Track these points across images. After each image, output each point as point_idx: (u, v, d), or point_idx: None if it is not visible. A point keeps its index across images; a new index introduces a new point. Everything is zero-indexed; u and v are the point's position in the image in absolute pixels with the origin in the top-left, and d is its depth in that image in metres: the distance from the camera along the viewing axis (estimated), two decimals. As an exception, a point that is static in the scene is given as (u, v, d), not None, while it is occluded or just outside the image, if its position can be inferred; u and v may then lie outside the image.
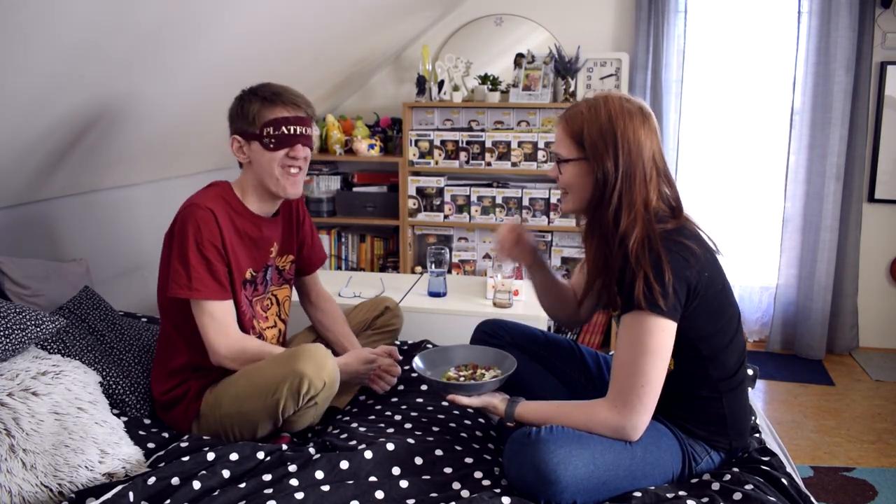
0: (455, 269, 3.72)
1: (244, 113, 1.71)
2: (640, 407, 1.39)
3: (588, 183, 1.49)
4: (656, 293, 1.37)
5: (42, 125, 1.85)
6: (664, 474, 1.47)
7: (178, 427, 1.75)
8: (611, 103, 1.48)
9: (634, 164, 1.45)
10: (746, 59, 3.59)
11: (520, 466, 1.39)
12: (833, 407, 3.05)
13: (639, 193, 1.45)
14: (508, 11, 3.71)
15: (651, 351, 1.39)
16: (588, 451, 1.38)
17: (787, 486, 1.41)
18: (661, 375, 1.40)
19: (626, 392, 1.40)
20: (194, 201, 1.69)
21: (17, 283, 1.93)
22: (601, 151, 1.45)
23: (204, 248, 1.65)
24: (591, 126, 1.46)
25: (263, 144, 1.70)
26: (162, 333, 1.81)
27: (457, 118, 3.64)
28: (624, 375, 1.40)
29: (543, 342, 1.85)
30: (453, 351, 1.76)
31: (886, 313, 3.70)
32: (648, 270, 1.38)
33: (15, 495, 1.31)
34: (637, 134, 1.46)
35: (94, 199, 2.42)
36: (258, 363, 1.67)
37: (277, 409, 1.61)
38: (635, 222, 1.43)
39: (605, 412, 1.41)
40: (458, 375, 1.64)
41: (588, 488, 1.37)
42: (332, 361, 1.62)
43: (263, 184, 1.76)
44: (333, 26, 2.68)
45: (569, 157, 1.50)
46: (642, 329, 1.39)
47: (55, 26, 1.51)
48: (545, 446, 1.37)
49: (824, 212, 3.49)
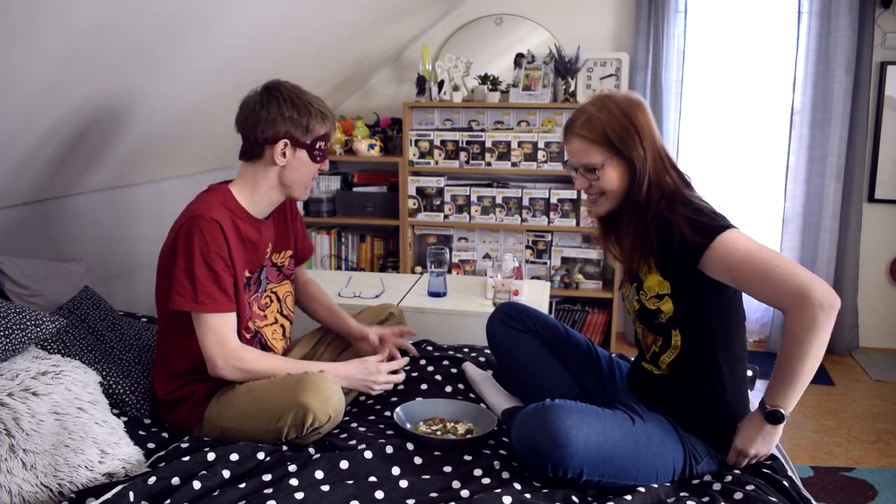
0: (455, 269, 3.72)
1: (303, 122, 1.73)
2: (805, 287, 1.36)
3: (624, 177, 1.56)
4: (703, 222, 1.46)
5: (42, 125, 1.85)
6: (665, 467, 1.48)
7: (179, 428, 1.74)
8: (615, 99, 1.57)
9: (653, 146, 1.55)
10: (746, 59, 3.59)
11: (532, 430, 1.43)
12: (833, 407, 3.05)
13: (661, 169, 1.56)
14: (508, 11, 3.71)
15: (751, 254, 1.42)
16: (599, 421, 1.44)
17: (789, 489, 1.42)
18: (782, 257, 1.44)
19: (782, 291, 1.38)
20: (199, 212, 1.66)
21: (17, 283, 1.93)
22: (629, 143, 1.54)
23: (211, 261, 1.64)
24: (611, 124, 1.54)
25: (312, 156, 1.76)
26: (161, 338, 1.80)
27: (457, 118, 3.64)
28: (766, 287, 1.40)
29: (564, 337, 1.87)
30: (435, 405, 1.79)
31: (886, 313, 3.70)
32: (682, 218, 1.48)
33: (15, 495, 1.31)
34: (646, 119, 1.56)
35: (94, 199, 2.42)
36: (262, 383, 1.67)
37: (280, 434, 1.61)
38: (662, 193, 1.54)
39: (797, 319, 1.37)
40: (431, 430, 1.68)
41: (596, 459, 1.41)
42: (337, 395, 1.61)
43: (290, 187, 1.78)
44: (333, 26, 2.68)
45: (602, 162, 1.56)
46: (726, 251, 1.43)
47: (55, 27, 1.51)
48: (559, 410, 1.43)
49: (824, 212, 3.49)
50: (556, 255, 3.66)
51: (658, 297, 1.55)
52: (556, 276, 3.64)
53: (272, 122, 1.71)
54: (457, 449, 1.60)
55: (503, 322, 1.87)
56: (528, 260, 3.68)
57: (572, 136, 1.59)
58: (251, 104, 1.73)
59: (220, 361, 1.65)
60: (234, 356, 1.67)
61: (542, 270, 3.68)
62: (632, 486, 1.45)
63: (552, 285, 3.43)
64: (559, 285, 3.62)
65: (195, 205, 1.71)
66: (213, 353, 1.65)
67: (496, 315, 1.90)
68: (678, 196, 1.54)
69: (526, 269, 3.65)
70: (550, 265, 3.67)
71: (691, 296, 1.52)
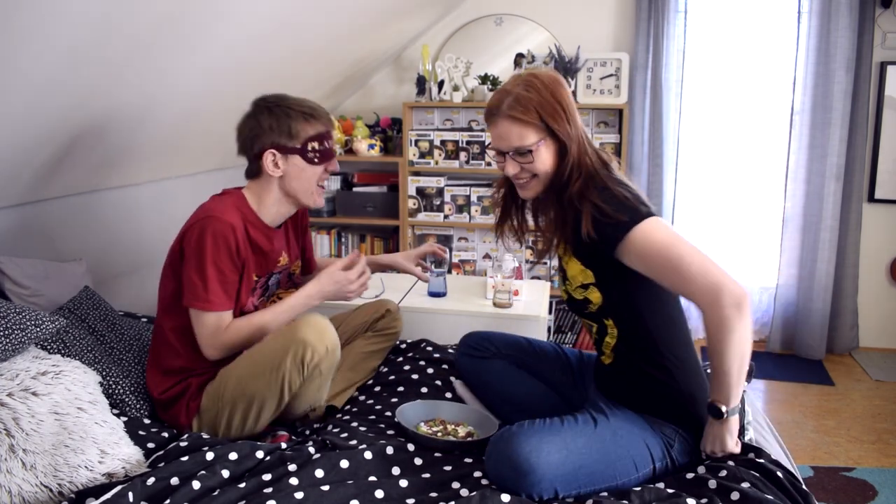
0: (455, 269, 3.72)
1: (284, 127, 1.71)
2: (714, 286, 1.35)
3: (553, 156, 1.53)
4: (621, 208, 1.42)
5: (42, 126, 1.85)
6: (641, 457, 1.47)
7: (178, 424, 1.75)
8: (541, 77, 1.53)
9: (577, 125, 1.53)
10: (746, 59, 3.59)
11: (496, 463, 1.42)
12: (833, 407, 3.05)
13: (583, 147, 1.52)
14: (508, 11, 3.71)
15: (668, 246, 1.39)
16: (559, 436, 1.42)
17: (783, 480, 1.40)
18: (698, 252, 1.39)
19: (693, 287, 1.37)
20: (214, 213, 1.68)
21: (17, 283, 1.93)
22: (559, 122, 1.50)
23: (221, 262, 1.67)
24: (541, 103, 1.50)
25: (308, 159, 1.74)
26: (157, 335, 1.81)
27: (457, 118, 3.64)
28: (679, 281, 1.39)
29: (529, 350, 1.87)
30: (436, 406, 1.80)
31: (886, 313, 3.70)
32: (598, 201, 1.44)
33: (15, 495, 1.31)
34: (569, 96, 1.53)
35: (93, 199, 2.42)
36: (258, 344, 1.71)
37: (283, 384, 1.64)
38: (581, 174, 1.51)
39: (709, 318, 1.37)
40: (432, 431, 1.68)
41: (565, 474, 1.39)
42: (331, 329, 1.67)
43: (295, 196, 1.79)
44: (333, 26, 2.68)
45: (537, 142, 1.51)
46: (642, 240, 1.40)
47: (54, 26, 1.51)
48: (516, 438, 1.41)
49: (824, 212, 3.48)
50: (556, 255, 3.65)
51: (583, 287, 1.53)
52: (556, 276, 3.64)
53: (256, 137, 1.73)
54: (457, 451, 1.60)
55: (468, 355, 1.89)
56: (528, 260, 3.68)
57: (500, 117, 1.52)
58: (240, 125, 1.77)
59: (212, 351, 1.72)
60: (223, 344, 1.72)
61: (541, 270, 3.68)
62: (615, 487, 1.44)
63: (552, 285, 3.43)
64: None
65: (210, 205, 1.74)
66: (209, 345, 1.71)
67: (460, 349, 1.92)
68: (595, 180, 1.50)
69: (526, 270, 3.65)
70: (550, 265, 3.67)
71: (617, 284, 1.50)
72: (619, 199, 1.44)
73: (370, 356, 2.08)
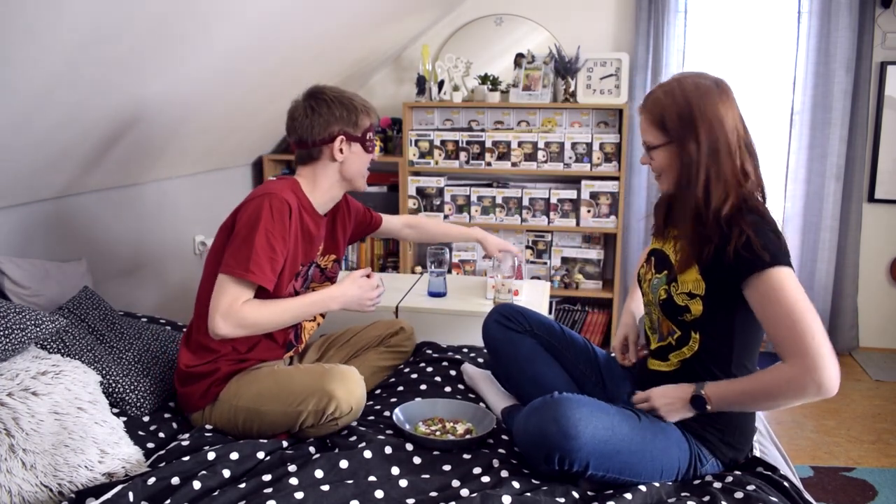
0: (455, 269, 3.72)
1: (353, 118, 1.83)
2: (819, 356, 1.33)
3: (676, 165, 1.52)
4: (769, 246, 1.39)
5: (42, 126, 1.85)
6: (670, 466, 1.48)
7: (190, 405, 1.75)
8: (685, 83, 1.50)
9: (717, 139, 1.47)
10: (746, 59, 3.59)
11: (540, 420, 1.42)
12: (833, 407, 3.05)
13: (726, 165, 1.47)
14: (508, 11, 3.71)
15: (796, 301, 1.37)
16: (608, 416, 1.43)
17: (789, 489, 1.42)
18: (818, 320, 1.37)
19: (798, 345, 1.35)
20: (272, 190, 1.73)
21: (17, 283, 1.93)
22: (684, 133, 1.48)
23: (273, 237, 1.68)
24: (669, 110, 1.49)
25: (366, 147, 1.87)
26: (199, 309, 1.79)
27: (457, 118, 3.64)
28: (787, 335, 1.37)
29: (560, 336, 1.86)
30: (434, 405, 1.80)
31: (886, 313, 3.70)
32: (749, 230, 1.40)
33: (15, 495, 1.32)
34: (715, 109, 1.48)
35: (94, 199, 2.42)
36: (289, 369, 1.72)
37: (297, 419, 1.64)
38: (727, 193, 1.46)
39: (789, 371, 1.36)
40: (430, 430, 1.68)
41: (602, 453, 1.40)
42: (362, 389, 1.68)
43: (351, 180, 1.88)
44: (333, 26, 2.68)
45: (656, 144, 1.53)
46: (775, 284, 1.38)
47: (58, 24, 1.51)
48: (569, 402, 1.42)
49: (824, 212, 3.49)
50: (556, 255, 3.66)
51: (689, 296, 1.50)
52: (556, 276, 3.64)
53: (326, 124, 1.81)
54: (456, 449, 1.60)
55: (499, 323, 1.87)
56: (528, 260, 3.68)
57: (640, 111, 1.57)
58: (300, 113, 1.82)
59: (221, 322, 1.62)
60: (236, 318, 1.63)
61: (541, 270, 3.68)
62: (635, 483, 1.44)
63: (552, 285, 3.43)
64: (559, 285, 3.62)
65: (269, 185, 1.79)
66: (220, 312, 1.62)
67: (492, 316, 1.90)
68: (749, 203, 1.46)
69: (526, 270, 3.65)
70: (550, 265, 3.67)
71: (724, 306, 1.48)
72: (769, 236, 1.42)
73: (380, 371, 2.09)
